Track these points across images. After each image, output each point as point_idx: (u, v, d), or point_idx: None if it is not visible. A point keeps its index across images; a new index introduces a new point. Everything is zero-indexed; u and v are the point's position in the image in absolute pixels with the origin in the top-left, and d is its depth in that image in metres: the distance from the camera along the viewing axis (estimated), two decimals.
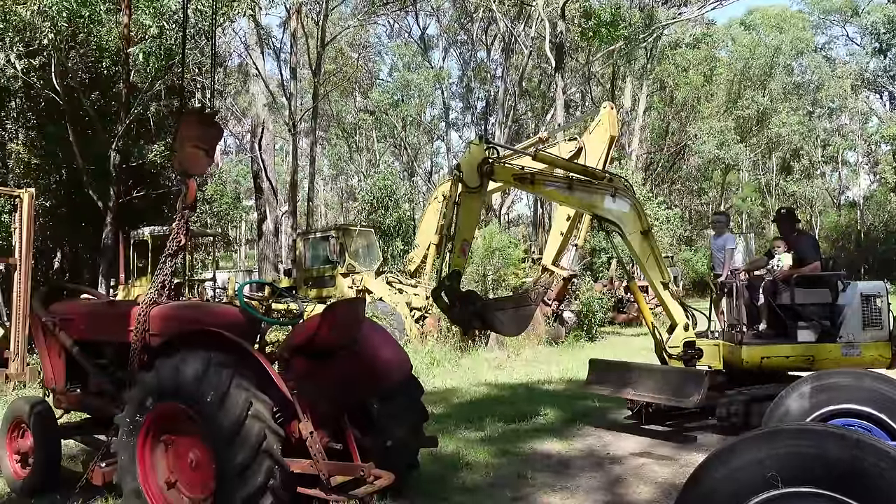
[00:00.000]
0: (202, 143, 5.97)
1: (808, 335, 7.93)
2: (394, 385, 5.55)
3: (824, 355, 7.77)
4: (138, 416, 4.90)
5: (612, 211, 7.97)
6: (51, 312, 6.35)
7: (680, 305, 8.24)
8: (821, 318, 7.92)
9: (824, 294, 8.01)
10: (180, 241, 5.93)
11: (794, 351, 7.87)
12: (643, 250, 8.03)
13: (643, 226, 7.97)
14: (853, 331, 7.78)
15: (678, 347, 8.06)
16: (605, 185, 7.94)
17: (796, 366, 7.96)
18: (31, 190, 11.36)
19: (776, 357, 7.87)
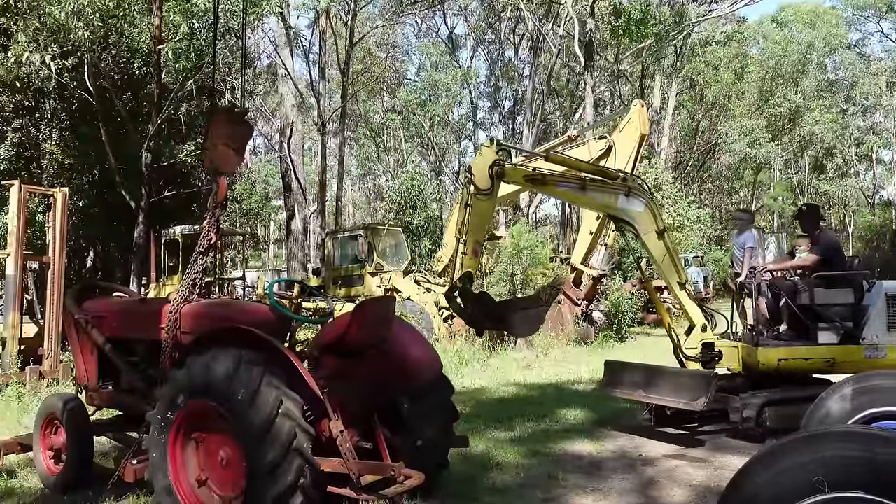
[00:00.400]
0: (232, 142, 6.00)
1: (830, 337, 7.76)
2: (424, 384, 5.51)
3: (846, 357, 7.58)
4: (170, 413, 4.91)
5: (627, 211, 7.85)
6: (84, 310, 6.39)
7: (698, 306, 8.08)
8: (843, 318, 7.74)
9: (847, 294, 7.81)
10: (211, 240, 5.96)
11: (813, 353, 7.70)
12: (658, 250, 7.90)
13: (658, 226, 7.83)
14: (877, 332, 7.56)
15: (695, 349, 7.92)
16: (619, 185, 7.80)
17: (816, 368, 7.79)
18: (64, 189, 11.50)
19: (794, 359, 7.70)
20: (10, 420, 8.86)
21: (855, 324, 7.70)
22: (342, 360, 5.30)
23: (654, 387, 7.90)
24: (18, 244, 10.87)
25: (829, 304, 7.78)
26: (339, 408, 5.02)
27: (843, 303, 7.79)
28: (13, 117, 20.36)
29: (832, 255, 8.25)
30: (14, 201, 10.82)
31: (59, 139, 20.89)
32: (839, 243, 8.73)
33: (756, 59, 50.83)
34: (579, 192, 7.82)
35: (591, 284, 17.57)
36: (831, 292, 7.84)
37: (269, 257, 58.91)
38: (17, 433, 7.63)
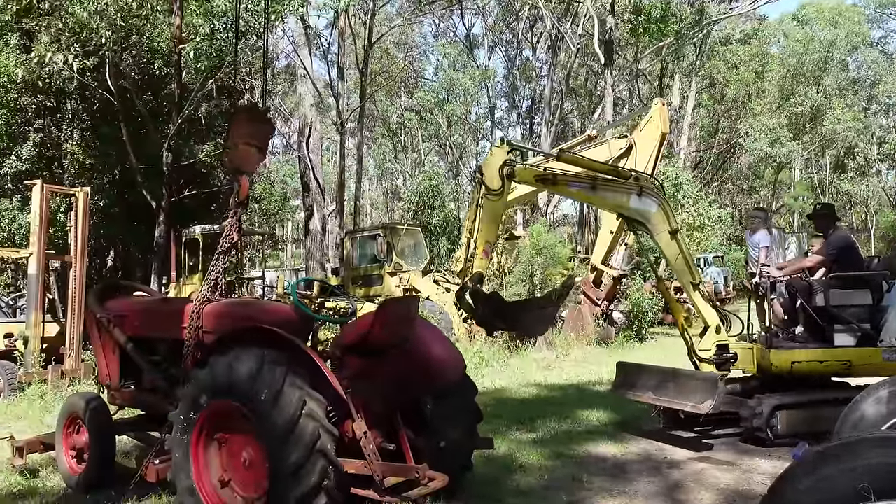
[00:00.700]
0: (254, 141, 5.96)
1: (846, 339, 7.56)
2: (448, 384, 5.44)
3: (863, 360, 7.39)
4: (192, 413, 4.87)
5: (639, 210, 7.70)
6: (106, 309, 6.39)
7: (712, 307, 7.93)
8: (860, 320, 7.54)
9: (864, 295, 7.61)
10: (233, 239, 5.93)
11: (828, 355, 7.51)
12: (671, 250, 7.75)
13: (671, 225, 7.67)
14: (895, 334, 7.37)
15: (709, 350, 7.73)
16: (631, 185, 7.64)
17: (831, 371, 7.62)
18: (86, 189, 11.56)
19: (808, 362, 7.51)
20: (32, 419, 8.90)
21: (873, 325, 7.50)
22: (365, 359, 5.25)
23: (662, 389, 7.74)
24: (40, 243, 10.92)
25: (846, 305, 7.60)
26: (362, 408, 4.97)
27: (861, 304, 7.59)
28: (35, 118, 20.59)
29: (841, 255, 8.05)
30: (36, 201, 10.87)
31: (81, 139, 21.08)
32: (851, 243, 8.46)
33: (777, 57, 50.31)
34: (591, 191, 7.72)
35: (612, 284, 17.43)
36: (848, 293, 7.65)
37: (287, 257, 59.08)
38: (39, 432, 7.65)
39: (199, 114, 21.56)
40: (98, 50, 17.79)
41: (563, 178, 7.78)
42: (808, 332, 7.96)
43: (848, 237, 8.59)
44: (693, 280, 7.77)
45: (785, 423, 7.26)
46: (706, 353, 7.76)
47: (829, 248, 8.23)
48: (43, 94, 20.33)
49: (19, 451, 6.57)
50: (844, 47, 48.45)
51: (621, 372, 8.60)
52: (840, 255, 8.09)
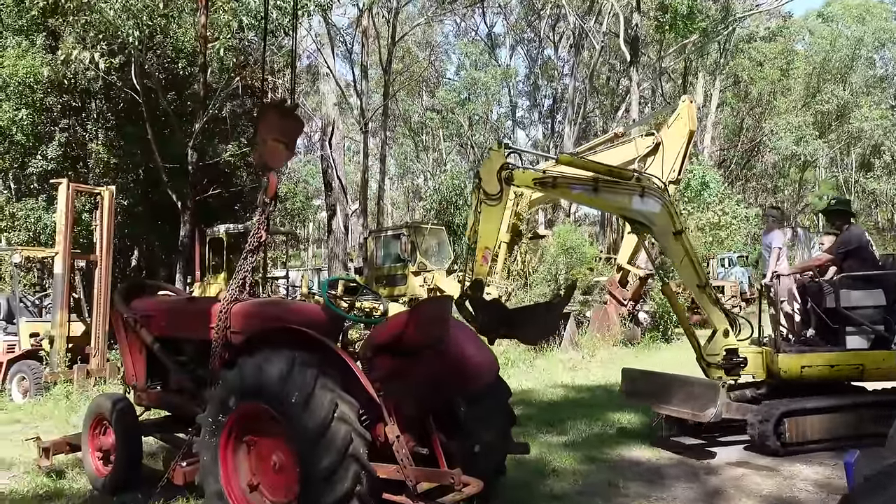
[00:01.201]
0: (282, 137, 5.86)
1: (859, 341, 7.29)
2: (481, 386, 5.29)
3: (876, 364, 7.13)
4: (221, 416, 4.77)
5: (642, 212, 7.41)
6: (132, 309, 6.31)
7: (721, 309, 7.65)
8: (873, 321, 7.26)
9: (878, 295, 7.33)
10: (261, 237, 5.85)
11: (839, 359, 7.22)
12: (676, 252, 7.49)
13: (675, 226, 7.39)
14: None
15: (717, 355, 7.42)
16: (633, 185, 7.37)
17: (843, 376, 7.33)
18: (111, 188, 11.55)
19: (818, 366, 7.23)
20: (58, 419, 8.88)
21: (887, 327, 7.22)
22: (397, 361, 5.10)
23: (665, 396, 7.49)
24: (66, 243, 10.91)
25: (858, 306, 7.32)
26: (394, 411, 4.84)
27: (874, 304, 7.31)
28: (60, 117, 20.69)
29: (853, 253, 7.75)
30: (62, 200, 10.86)
31: (105, 139, 21.17)
32: (863, 240, 8.06)
33: (802, 54, 49.66)
34: (592, 194, 7.47)
35: (638, 284, 17.21)
36: (860, 294, 7.37)
37: (308, 257, 59.18)
38: (65, 432, 7.63)
39: (223, 114, 21.58)
40: (124, 48, 17.83)
41: (563, 182, 7.62)
42: (820, 334, 7.69)
43: (860, 234, 8.17)
44: (699, 282, 7.50)
45: (794, 431, 6.95)
46: (714, 357, 7.44)
47: (840, 246, 7.95)
48: (68, 94, 20.45)
49: (45, 453, 6.53)
50: (872, 44, 47.70)
51: (626, 379, 8.36)
52: (851, 253, 7.78)
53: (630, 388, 8.17)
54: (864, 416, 7.15)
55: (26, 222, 19.42)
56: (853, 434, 7.04)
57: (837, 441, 7.03)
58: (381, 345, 5.17)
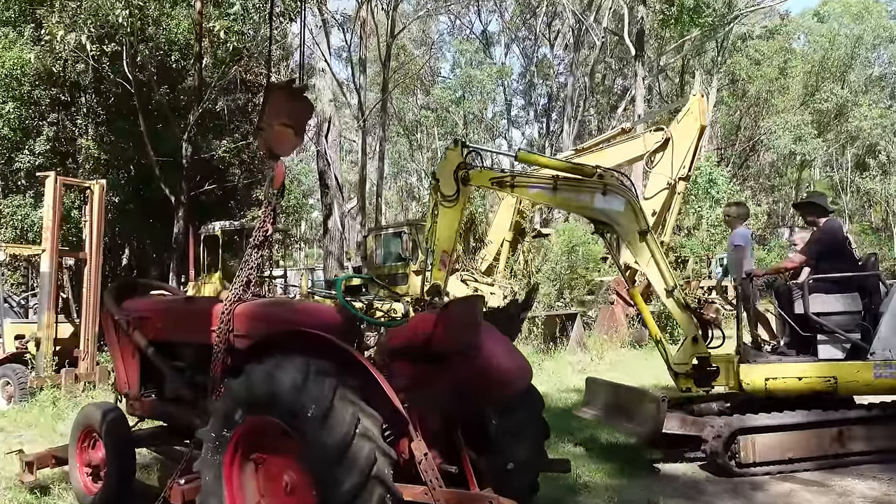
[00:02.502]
0: (290, 121, 5.31)
1: (832, 351, 6.65)
2: (514, 396, 4.76)
3: (850, 377, 6.48)
4: (225, 430, 4.22)
5: (604, 211, 6.97)
6: (124, 310, 5.76)
7: (691, 314, 7.10)
8: (847, 329, 6.63)
9: (853, 300, 6.72)
10: (267, 231, 5.32)
11: (809, 371, 6.58)
12: (642, 253, 6.97)
13: (641, 225, 6.90)
14: (890, 346, 6.46)
15: (686, 364, 6.89)
16: (595, 183, 6.96)
17: (814, 389, 6.59)
18: (101, 182, 10.97)
19: (785, 378, 6.58)
20: (44, 427, 8.30)
21: (864, 335, 6.59)
22: (421, 368, 4.57)
23: (616, 410, 7.05)
24: (54, 239, 10.34)
25: (830, 311, 6.67)
26: (418, 424, 4.31)
27: (849, 310, 6.68)
28: (49, 111, 20.11)
29: (825, 252, 7.11)
30: (49, 194, 10.28)
31: (95, 134, 20.60)
32: (838, 236, 7.33)
33: (800, 53, 49.40)
34: (551, 193, 7.16)
35: (646, 284, 16.69)
36: (833, 297, 6.74)
37: (301, 257, 58.58)
38: (51, 441, 7.12)
39: (217, 108, 21.04)
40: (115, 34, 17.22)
41: (521, 181, 7.32)
42: (792, 343, 7.08)
43: (836, 230, 7.41)
44: (667, 285, 6.98)
45: (750, 450, 6.33)
46: (683, 366, 6.91)
47: (813, 244, 7.29)
48: (57, 87, 19.89)
49: (29, 467, 5.98)
50: (871, 42, 47.48)
51: (588, 388, 7.85)
52: (826, 251, 7.13)
53: (589, 398, 7.69)
54: (842, 434, 6.52)
55: (13, 219, 18.90)
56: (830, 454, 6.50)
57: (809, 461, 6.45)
58: (403, 350, 4.64)
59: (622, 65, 48.62)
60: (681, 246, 25.03)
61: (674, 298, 6.94)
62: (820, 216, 7.45)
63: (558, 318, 16.07)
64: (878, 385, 6.49)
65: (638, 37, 25.79)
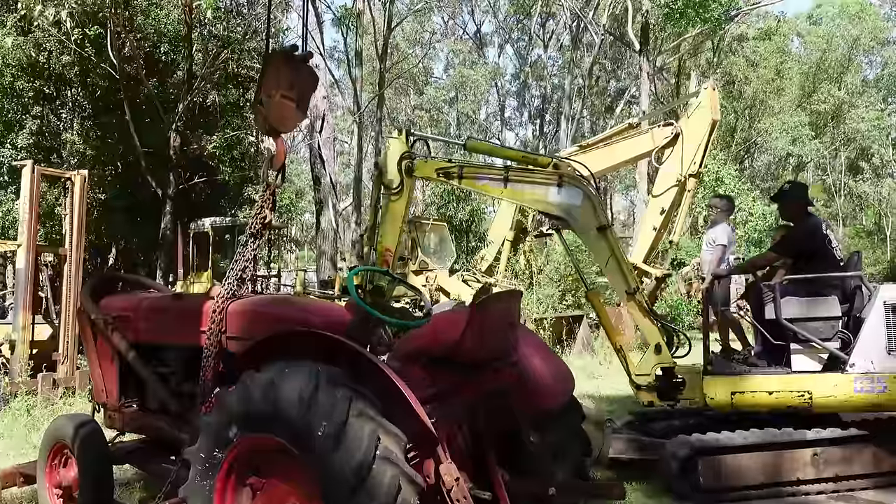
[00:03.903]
0: (292, 93, 4.65)
1: (807, 362, 5.92)
2: (555, 409, 4.10)
3: (827, 391, 5.73)
4: (217, 450, 3.55)
5: (560, 204, 6.38)
6: (103, 308, 5.09)
7: (654, 320, 6.44)
8: (824, 337, 5.88)
9: (831, 304, 5.97)
10: (265, 218, 4.66)
11: (780, 384, 5.87)
12: (600, 251, 6.38)
13: (600, 221, 6.32)
14: (872, 357, 5.69)
15: (647, 375, 6.24)
16: (549, 174, 6.42)
17: (787, 405, 5.86)
18: (83, 172, 10.20)
19: (754, 392, 5.89)
20: (17, 437, 7.56)
21: (843, 345, 5.86)
22: (448, 376, 3.89)
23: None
24: (31, 234, 9.59)
25: (806, 317, 5.93)
26: (446, 442, 3.65)
27: (826, 315, 5.94)
28: (32, 104, 19.33)
29: (803, 251, 6.39)
30: (26, 184, 9.53)
31: (81, 128, 19.87)
32: (818, 233, 6.48)
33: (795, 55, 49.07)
34: (502, 185, 6.64)
35: (655, 285, 16.04)
36: (808, 301, 5.99)
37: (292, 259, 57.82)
38: (23, 453, 6.46)
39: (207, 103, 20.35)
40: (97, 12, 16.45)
41: (469, 171, 6.74)
42: (763, 352, 6.39)
43: (815, 227, 6.57)
44: (628, 287, 6.35)
45: (711, 474, 5.64)
46: (645, 378, 6.25)
47: (789, 241, 6.62)
48: (41, 79, 19.17)
49: None
50: (868, 44, 47.23)
51: None
52: (804, 250, 6.39)
53: None
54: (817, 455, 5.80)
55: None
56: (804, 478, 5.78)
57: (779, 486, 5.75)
58: (425, 355, 3.97)
59: (615, 66, 48.19)
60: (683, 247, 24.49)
61: (635, 301, 6.33)
62: (800, 211, 6.71)
63: (564, 320, 15.48)
64: (859, 401, 5.73)
65: (643, 30, 25.22)
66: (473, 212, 23.08)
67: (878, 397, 5.65)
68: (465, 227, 22.85)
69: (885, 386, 5.61)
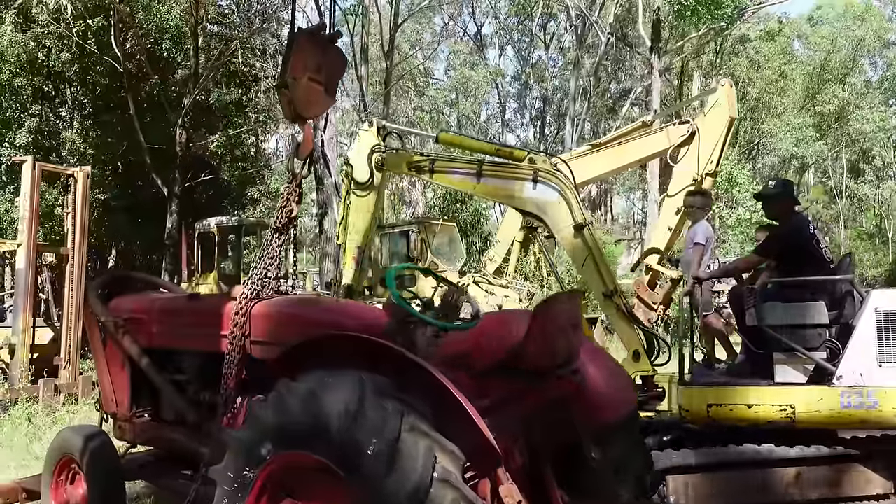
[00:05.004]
0: (321, 76, 4.27)
1: (791, 373, 5.41)
2: (619, 423, 3.71)
3: (812, 405, 5.21)
4: (247, 469, 3.15)
5: (535, 201, 6.25)
6: (112, 310, 4.70)
7: (633, 324, 6.00)
8: (810, 346, 5.38)
9: (818, 311, 5.44)
10: (291, 212, 4.29)
11: (761, 396, 5.36)
12: (577, 250, 6.24)
13: (576, 219, 6.15)
14: (862, 369, 5.18)
15: None
16: (524, 169, 6.22)
17: (768, 419, 5.34)
18: (86, 168, 9.86)
19: (731, 405, 5.38)
20: (17, 448, 7.17)
21: (831, 354, 5.37)
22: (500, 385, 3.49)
23: None
24: (31, 233, 9.23)
25: (790, 324, 5.43)
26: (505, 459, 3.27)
27: (812, 322, 5.42)
28: (31, 102, 18.98)
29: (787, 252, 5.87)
30: (27, 181, 9.16)
31: (81, 127, 19.52)
32: (804, 234, 5.91)
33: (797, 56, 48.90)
34: (475, 179, 6.52)
35: (669, 287, 15.71)
36: (795, 307, 5.47)
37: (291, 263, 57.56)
38: (25, 464, 6.12)
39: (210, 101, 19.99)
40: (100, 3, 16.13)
41: (442, 166, 6.66)
42: (746, 362, 5.96)
43: (802, 226, 6.04)
44: (605, 288, 5.97)
45: (682, 493, 5.16)
46: None
47: (772, 241, 6.11)
48: (40, 76, 18.82)
49: None
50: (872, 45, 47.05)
51: None
52: (788, 251, 5.87)
53: None
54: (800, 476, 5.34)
55: None
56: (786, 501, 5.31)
57: None
58: (475, 362, 3.59)
59: (616, 67, 47.91)
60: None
61: (613, 304, 5.98)
62: (787, 209, 6.16)
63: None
64: (846, 417, 5.20)
65: (654, 27, 24.92)
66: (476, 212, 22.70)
67: (867, 413, 5.12)
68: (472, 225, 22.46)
69: (875, 401, 5.07)
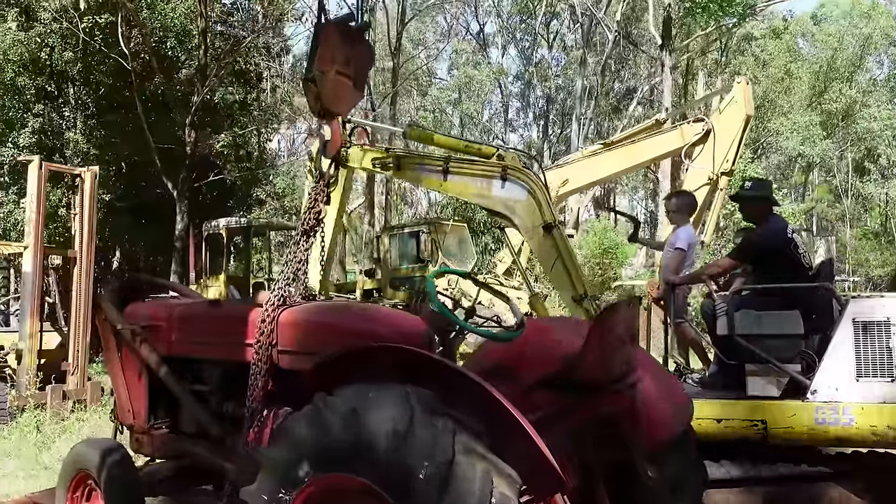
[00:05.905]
0: (349, 70, 4.03)
1: (764, 385, 5.12)
2: (673, 438, 3.47)
3: (784, 421, 4.94)
4: (283, 492, 2.90)
5: (503, 200, 5.96)
6: (129, 317, 4.46)
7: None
8: (783, 358, 5.09)
9: (793, 320, 5.13)
10: (319, 212, 4.05)
11: (731, 410, 5.10)
12: (545, 252, 5.98)
13: (545, 218, 5.86)
14: (838, 383, 4.91)
15: None
16: (492, 166, 5.97)
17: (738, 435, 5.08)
18: (94, 168, 9.63)
19: (700, 420, 4.90)
20: (26, 457, 6.94)
21: (806, 367, 5.07)
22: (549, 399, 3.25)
23: None
24: (38, 235, 8.99)
25: (763, 333, 5.13)
26: None
27: (786, 332, 5.12)
28: (34, 102, 18.77)
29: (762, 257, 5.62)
30: (33, 182, 8.92)
31: (84, 127, 19.34)
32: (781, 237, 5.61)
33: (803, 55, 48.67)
34: (441, 177, 6.28)
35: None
36: (768, 316, 5.18)
37: None
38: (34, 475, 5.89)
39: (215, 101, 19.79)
40: None
41: (407, 162, 6.53)
42: (718, 373, 5.70)
43: (779, 229, 5.71)
44: (575, 291, 5.75)
45: None
46: None
47: (747, 245, 5.87)
48: (43, 76, 18.63)
49: None
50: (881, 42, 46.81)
51: None
52: (764, 256, 5.61)
53: None
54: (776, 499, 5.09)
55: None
56: None
57: None
58: (528, 373, 3.35)
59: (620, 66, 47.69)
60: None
61: (583, 309, 5.74)
62: (765, 211, 5.84)
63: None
64: (821, 434, 4.92)
65: (665, 24, 24.72)
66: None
67: (843, 430, 4.83)
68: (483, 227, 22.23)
69: (851, 418, 4.79)
